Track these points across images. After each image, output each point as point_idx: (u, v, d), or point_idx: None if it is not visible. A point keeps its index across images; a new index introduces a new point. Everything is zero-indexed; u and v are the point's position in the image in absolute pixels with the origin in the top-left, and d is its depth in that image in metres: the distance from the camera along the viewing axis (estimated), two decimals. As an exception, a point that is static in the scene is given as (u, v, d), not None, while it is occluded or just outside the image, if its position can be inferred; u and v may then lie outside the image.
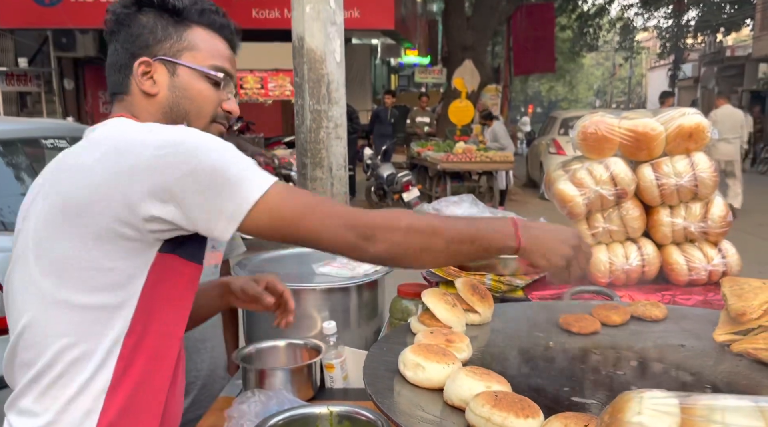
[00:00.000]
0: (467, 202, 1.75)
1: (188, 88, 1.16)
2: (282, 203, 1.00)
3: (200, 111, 1.18)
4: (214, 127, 1.21)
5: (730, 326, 1.22)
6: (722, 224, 1.59)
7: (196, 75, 1.17)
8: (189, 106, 1.17)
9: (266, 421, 1.28)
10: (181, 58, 1.16)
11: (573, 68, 35.79)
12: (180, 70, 1.16)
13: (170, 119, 1.16)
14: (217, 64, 1.18)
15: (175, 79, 1.16)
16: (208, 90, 1.18)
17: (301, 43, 2.23)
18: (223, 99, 1.20)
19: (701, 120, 1.58)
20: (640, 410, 0.47)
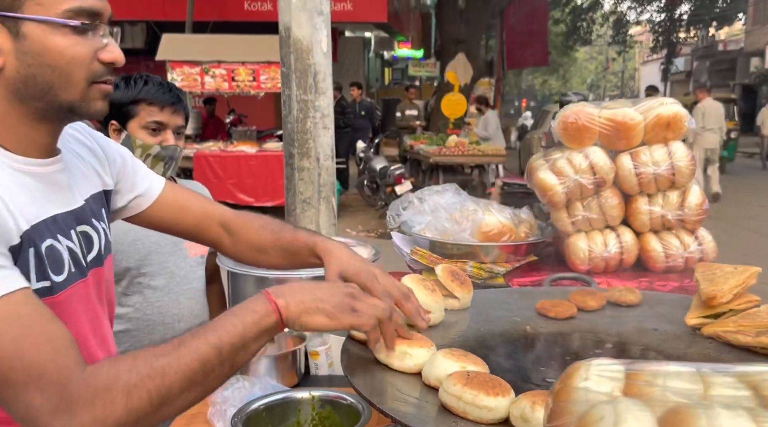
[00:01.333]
0: (450, 191, 1.77)
1: (45, 53, 0.86)
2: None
3: (69, 78, 0.88)
4: (96, 89, 0.92)
5: (701, 310, 1.24)
6: (699, 212, 1.62)
7: (51, 29, 0.86)
8: (51, 77, 0.87)
9: (248, 405, 1.30)
10: (23, 10, 0.85)
11: (566, 62, 35.83)
12: (26, 28, 0.85)
13: (25, 97, 0.88)
14: (76, 5, 0.87)
15: (23, 43, 0.85)
16: (73, 45, 0.87)
17: (287, 33, 2.24)
18: (98, 48, 0.90)
19: (679, 110, 1.60)
20: (587, 376, 0.49)
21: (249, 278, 1.77)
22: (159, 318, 1.79)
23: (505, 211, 1.77)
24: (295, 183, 2.32)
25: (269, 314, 0.88)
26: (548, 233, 1.81)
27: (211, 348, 0.84)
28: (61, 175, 0.99)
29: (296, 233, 1.25)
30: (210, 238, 1.29)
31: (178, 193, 1.27)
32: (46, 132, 0.95)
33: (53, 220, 0.94)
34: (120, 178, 1.18)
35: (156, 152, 1.71)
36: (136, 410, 0.78)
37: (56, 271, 0.91)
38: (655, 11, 25.68)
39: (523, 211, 1.83)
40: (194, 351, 0.83)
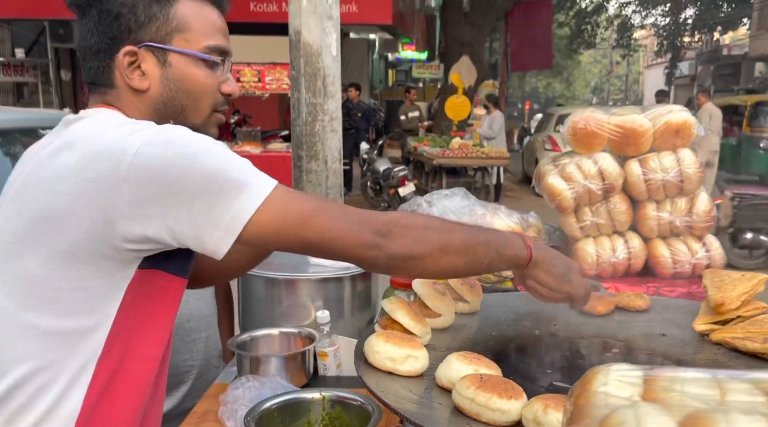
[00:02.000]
0: (459, 195, 1.79)
1: (184, 80, 1.00)
2: (289, 205, 0.89)
3: (198, 103, 1.02)
4: (215, 117, 1.06)
5: (709, 316, 1.26)
6: (706, 219, 1.63)
7: (191, 61, 1.00)
8: (186, 101, 1.01)
9: (260, 405, 1.32)
10: (171, 43, 0.99)
11: (570, 65, 35.81)
12: (172, 58, 0.99)
13: (164, 116, 1.00)
14: (213, 44, 1.01)
15: (168, 70, 0.99)
16: (206, 77, 1.01)
17: (297, 37, 2.26)
18: (222, 82, 1.04)
19: (688, 117, 1.62)
20: (606, 381, 0.51)
21: (259, 279, 1.78)
22: None
23: (514, 215, 1.79)
24: (303, 185, 2.33)
25: (524, 250, 1.07)
26: (555, 237, 1.82)
27: (484, 240, 1.03)
28: None
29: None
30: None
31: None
32: None
33: None
34: None
35: None
36: (427, 241, 0.96)
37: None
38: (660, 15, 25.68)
39: (531, 216, 1.85)
40: (473, 232, 1.03)
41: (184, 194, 0.85)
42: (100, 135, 0.88)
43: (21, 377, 0.90)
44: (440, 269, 0.99)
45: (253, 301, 1.84)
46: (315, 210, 0.91)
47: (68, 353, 0.91)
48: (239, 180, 0.88)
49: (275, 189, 0.90)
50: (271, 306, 1.80)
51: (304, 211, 0.90)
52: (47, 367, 0.91)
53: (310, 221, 0.90)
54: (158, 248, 0.90)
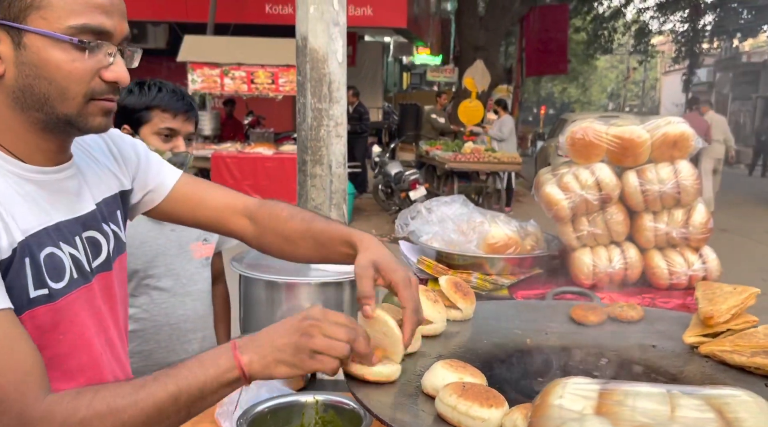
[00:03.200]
0: (458, 202, 1.80)
1: (42, 65, 0.87)
2: None
3: (65, 92, 0.89)
4: (95, 106, 0.93)
5: (699, 328, 1.26)
6: (703, 231, 1.63)
7: (51, 43, 0.87)
8: (47, 89, 0.89)
9: (254, 407, 1.34)
10: (26, 21, 0.86)
11: (586, 70, 35.62)
12: (28, 39, 0.86)
13: (26, 106, 0.90)
14: (81, 23, 0.87)
15: (23, 53, 0.87)
16: (72, 61, 0.88)
17: (304, 43, 2.29)
18: (102, 67, 0.91)
19: (686, 129, 1.62)
20: (562, 394, 0.52)
21: (260, 282, 1.81)
22: (165, 319, 1.84)
23: (512, 223, 1.80)
24: (308, 189, 2.36)
25: (232, 369, 0.89)
26: (554, 246, 1.83)
27: (169, 396, 0.85)
28: (71, 181, 1.01)
29: (329, 223, 1.22)
30: (232, 229, 1.26)
31: (196, 185, 1.25)
32: (53, 141, 0.96)
33: (56, 227, 0.95)
34: (135, 175, 1.19)
35: (168, 159, 1.76)
36: None
37: (55, 278, 0.93)
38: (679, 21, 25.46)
39: (530, 224, 1.86)
40: (152, 397, 0.84)
41: None
42: None
43: None
44: None
45: (254, 303, 1.87)
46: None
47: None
48: None
49: None
50: (271, 309, 1.82)
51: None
52: None
53: None
54: None
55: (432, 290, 1.37)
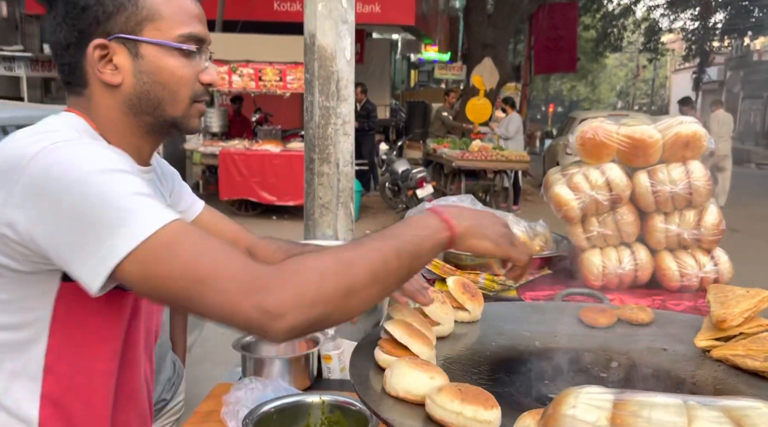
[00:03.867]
0: (466, 202, 1.78)
1: (158, 72, 0.96)
2: (163, 256, 0.79)
3: (176, 95, 0.98)
4: (195, 108, 1.02)
5: (711, 332, 1.24)
6: (715, 232, 1.61)
7: (165, 52, 0.96)
8: (162, 93, 0.97)
9: (260, 407, 1.33)
10: (142, 34, 0.94)
11: (596, 68, 35.40)
12: (144, 50, 0.95)
13: (140, 111, 0.98)
14: (187, 32, 0.97)
15: (141, 63, 0.95)
16: (182, 67, 0.97)
17: (312, 41, 2.28)
18: (200, 71, 1.00)
19: (698, 129, 1.60)
20: (575, 403, 0.51)
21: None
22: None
23: (521, 223, 1.78)
24: (315, 188, 2.35)
25: (442, 230, 0.94)
26: (563, 247, 1.81)
27: (392, 250, 0.88)
28: (154, 182, 1.12)
29: (305, 246, 1.29)
30: None
31: (213, 216, 1.31)
32: (152, 143, 1.05)
33: None
34: (171, 193, 1.23)
35: None
36: (326, 293, 0.81)
37: None
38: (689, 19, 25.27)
39: (539, 225, 1.84)
40: (377, 251, 0.87)
41: (59, 217, 0.81)
42: (9, 142, 0.87)
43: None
44: (354, 311, 0.86)
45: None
46: (186, 272, 0.79)
47: (15, 365, 0.91)
48: (118, 217, 0.80)
49: (158, 232, 0.80)
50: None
51: (174, 272, 0.79)
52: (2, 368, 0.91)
53: (177, 284, 0.80)
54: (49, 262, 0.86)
55: (440, 291, 1.35)
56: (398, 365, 1.01)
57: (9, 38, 11.58)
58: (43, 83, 12.00)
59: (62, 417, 0.94)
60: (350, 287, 0.83)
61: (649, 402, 0.51)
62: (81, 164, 0.82)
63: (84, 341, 0.94)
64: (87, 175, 0.82)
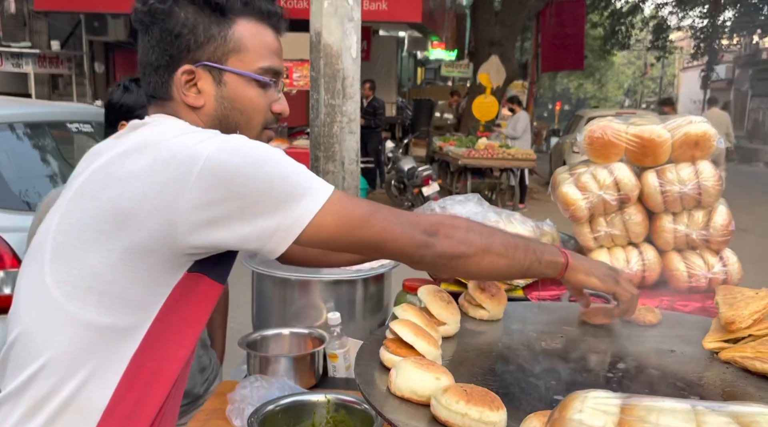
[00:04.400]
0: (473, 201, 1.78)
1: (237, 99, 1.05)
2: (347, 208, 0.96)
3: (250, 121, 1.07)
4: (265, 134, 1.10)
5: (720, 333, 1.23)
6: (724, 233, 1.60)
7: (245, 81, 1.04)
8: (239, 118, 1.05)
9: (265, 406, 1.34)
10: (227, 64, 1.03)
11: (603, 66, 35.22)
12: (227, 78, 1.04)
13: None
14: (267, 65, 1.06)
15: (223, 89, 1.04)
16: (259, 97, 1.06)
17: (318, 38, 2.27)
18: (273, 101, 1.09)
19: (708, 129, 1.58)
20: (582, 408, 0.50)
21: (273, 279, 1.80)
22: None
23: (528, 222, 1.77)
24: (321, 186, 2.34)
25: (560, 255, 1.17)
26: (570, 246, 1.80)
27: (522, 243, 1.12)
28: None
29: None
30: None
31: None
32: None
33: None
34: None
35: None
36: (470, 242, 1.04)
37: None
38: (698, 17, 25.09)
39: (546, 224, 1.83)
40: (511, 237, 1.12)
41: (250, 198, 0.90)
42: (170, 140, 0.92)
43: (52, 363, 0.94)
44: (482, 268, 1.07)
45: (266, 300, 1.86)
46: (370, 213, 0.98)
47: (103, 348, 0.94)
48: (301, 185, 0.94)
49: (333, 194, 0.95)
50: (283, 306, 1.82)
51: (361, 214, 0.97)
52: (83, 359, 0.94)
53: (366, 222, 0.97)
54: (214, 251, 0.95)
55: (444, 291, 1.35)
56: (403, 365, 1.01)
57: (17, 35, 11.62)
58: (51, 80, 12.04)
59: (133, 399, 0.97)
60: (486, 246, 1.05)
61: (657, 407, 0.51)
62: (253, 152, 0.92)
63: (178, 328, 0.99)
64: (264, 160, 0.92)
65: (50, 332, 0.94)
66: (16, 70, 10.98)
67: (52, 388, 0.94)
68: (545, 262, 1.14)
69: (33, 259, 0.99)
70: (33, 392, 0.95)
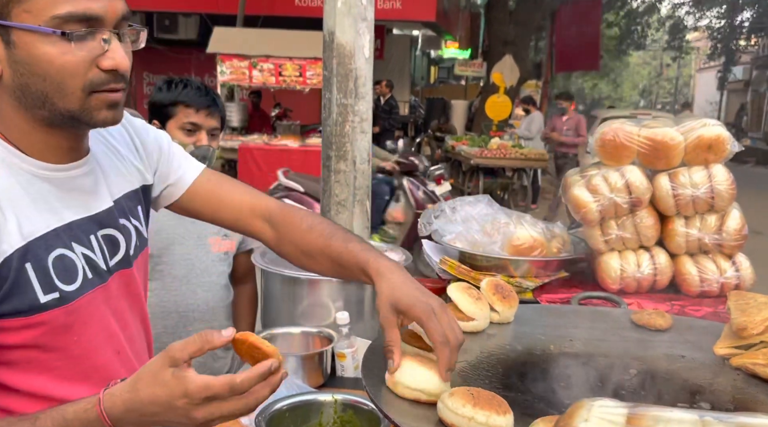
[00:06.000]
0: (483, 202, 1.77)
1: (33, 61, 0.82)
2: None
3: (62, 87, 0.84)
4: (96, 99, 0.87)
5: (731, 339, 1.22)
6: (737, 237, 1.58)
7: (39, 37, 0.81)
8: (43, 86, 0.84)
9: (272, 405, 1.34)
10: (10, 18, 0.81)
11: (618, 66, 34.96)
12: (16, 37, 0.81)
13: (28, 105, 0.86)
14: (65, 11, 0.81)
15: (14, 52, 0.82)
16: (63, 54, 0.82)
17: (331, 38, 2.27)
18: (97, 55, 0.85)
19: (722, 132, 1.57)
20: (587, 417, 0.50)
21: (281, 277, 1.81)
22: (174, 306, 1.88)
23: (538, 225, 1.76)
24: (331, 185, 2.35)
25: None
26: (581, 249, 1.79)
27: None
28: (86, 178, 0.98)
29: (347, 245, 1.12)
30: (251, 231, 1.23)
31: (218, 182, 1.21)
32: (64, 137, 0.93)
33: (68, 227, 0.93)
34: (157, 168, 1.17)
35: (190, 151, 1.78)
36: None
37: (67, 280, 0.91)
38: (715, 17, 24.82)
39: (557, 226, 1.82)
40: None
41: None
42: None
43: None
44: None
45: (275, 299, 1.87)
46: None
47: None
48: None
49: None
50: (292, 305, 1.83)
51: None
52: None
53: None
54: None
55: (473, 288, 1.34)
56: (408, 364, 0.99)
57: None
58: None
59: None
60: None
61: (664, 417, 0.50)
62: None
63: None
64: None
65: None
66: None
67: None
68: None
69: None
70: None
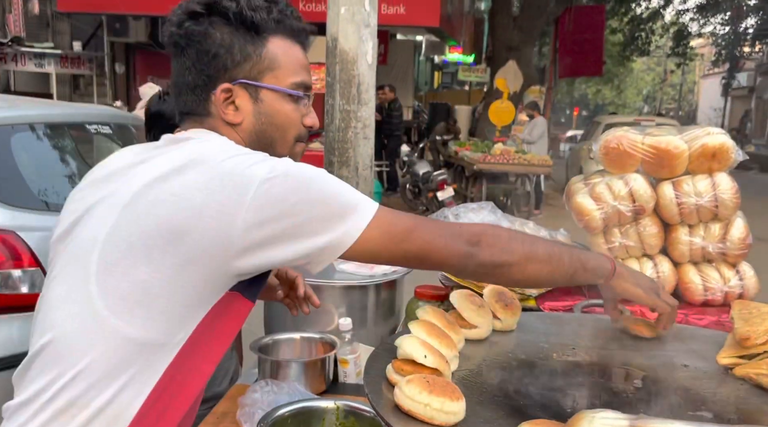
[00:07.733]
0: (486, 209, 1.77)
1: (274, 114, 1.09)
2: (392, 222, 1.00)
3: (285, 135, 1.11)
4: (298, 147, 1.14)
5: (735, 349, 1.22)
6: (741, 246, 1.58)
7: (280, 97, 1.09)
8: (275, 133, 1.10)
9: (275, 411, 1.34)
10: (263, 81, 1.07)
11: (622, 72, 34.91)
12: (263, 94, 1.08)
13: (255, 147, 1.05)
14: (299, 80, 1.10)
15: (259, 105, 1.08)
16: (292, 111, 1.10)
17: (334, 44, 2.28)
18: (304, 115, 1.13)
19: (726, 140, 1.57)
20: (590, 429, 0.50)
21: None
22: None
23: (541, 232, 1.76)
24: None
25: (607, 262, 1.18)
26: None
27: (566, 251, 1.14)
28: None
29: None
30: None
31: None
32: None
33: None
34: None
35: None
36: (512, 250, 1.07)
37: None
38: (719, 24, 24.83)
39: (560, 233, 1.82)
40: (555, 245, 1.15)
41: (301, 217, 0.94)
42: (224, 161, 0.95)
43: (87, 372, 0.94)
44: (526, 276, 1.09)
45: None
46: (414, 226, 1.02)
47: (141, 361, 0.96)
48: (349, 203, 0.98)
49: (379, 209, 1.00)
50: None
51: (404, 228, 1.01)
52: (118, 369, 0.95)
53: (411, 235, 1.01)
54: (262, 270, 0.98)
55: (476, 296, 1.34)
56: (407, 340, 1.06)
57: (40, 35, 11.81)
58: (72, 80, 12.21)
59: (158, 410, 0.99)
60: (529, 254, 1.08)
61: (667, 430, 0.50)
62: (302, 174, 0.96)
63: (209, 344, 1.01)
64: (313, 181, 0.97)
65: (90, 342, 0.94)
66: (38, 70, 11.16)
67: (84, 397, 0.94)
68: (590, 268, 1.16)
69: (73, 266, 0.99)
70: (62, 399, 0.95)
